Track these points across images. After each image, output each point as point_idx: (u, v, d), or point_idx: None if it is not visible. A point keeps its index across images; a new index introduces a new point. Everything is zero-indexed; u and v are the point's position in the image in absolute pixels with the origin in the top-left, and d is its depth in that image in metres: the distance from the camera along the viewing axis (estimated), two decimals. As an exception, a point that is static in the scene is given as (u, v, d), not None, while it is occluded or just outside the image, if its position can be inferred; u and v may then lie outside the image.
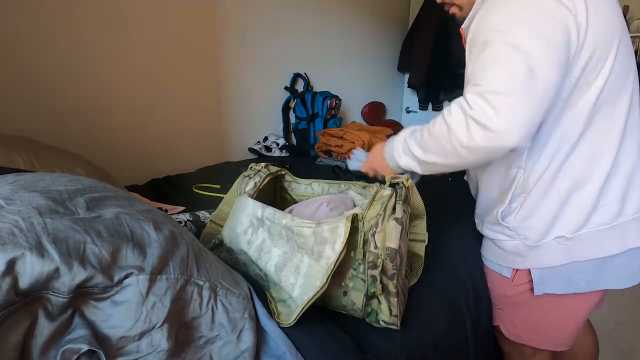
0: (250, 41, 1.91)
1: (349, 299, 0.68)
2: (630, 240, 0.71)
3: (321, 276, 0.60)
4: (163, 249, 0.50)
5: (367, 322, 0.69)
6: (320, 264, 0.61)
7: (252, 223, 0.71)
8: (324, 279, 0.59)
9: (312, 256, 0.62)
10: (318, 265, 0.61)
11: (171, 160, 1.71)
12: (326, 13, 2.29)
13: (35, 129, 1.27)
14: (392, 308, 0.66)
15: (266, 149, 2.01)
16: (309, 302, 0.59)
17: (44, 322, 0.40)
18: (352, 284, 0.67)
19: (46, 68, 1.30)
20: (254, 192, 0.78)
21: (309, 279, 0.61)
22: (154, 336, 0.46)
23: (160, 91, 1.64)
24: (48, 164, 0.92)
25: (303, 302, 0.60)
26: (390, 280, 0.64)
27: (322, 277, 0.60)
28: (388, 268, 0.64)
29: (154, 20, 1.55)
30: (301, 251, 0.64)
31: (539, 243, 0.74)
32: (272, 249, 0.66)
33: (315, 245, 0.62)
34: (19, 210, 0.44)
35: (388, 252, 0.63)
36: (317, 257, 0.62)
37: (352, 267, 0.67)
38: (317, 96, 2.09)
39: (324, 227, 0.62)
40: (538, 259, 0.75)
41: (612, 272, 0.73)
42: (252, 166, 0.84)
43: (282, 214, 0.68)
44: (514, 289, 0.82)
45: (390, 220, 0.64)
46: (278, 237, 0.67)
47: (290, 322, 0.61)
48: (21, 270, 0.39)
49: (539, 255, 0.75)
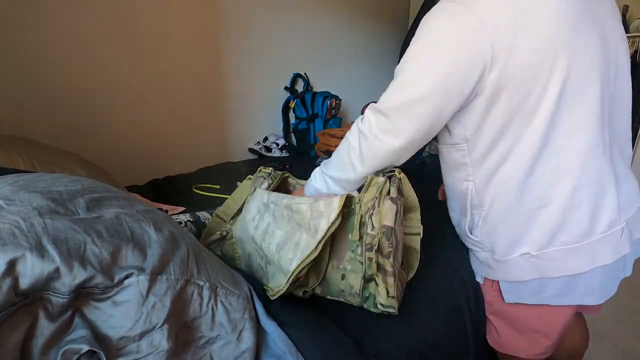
0: (251, 41, 1.91)
1: (346, 282, 0.69)
2: (600, 258, 0.69)
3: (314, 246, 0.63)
4: (163, 250, 0.50)
5: (366, 308, 0.70)
6: (316, 237, 0.63)
7: (260, 209, 0.75)
8: (315, 245, 0.62)
9: (309, 231, 0.65)
10: (314, 240, 0.63)
11: (171, 160, 1.72)
12: (326, 13, 2.29)
13: (35, 129, 1.27)
14: (389, 288, 0.67)
15: (266, 149, 2.01)
16: (300, 267, 0.62)
17: (45, 323, 0.40)
18: (350, 266, 0.69)
19: (46, 68, 1.30)
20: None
21: (305, 251, 0.63)
22: (154, 336, 0.46)
23: (161, 91, 1.64)
24: (48, 165, 0.92)
25: (294, 267, 0.62)
26: (386, 258, 0.66)
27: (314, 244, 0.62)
28: (384, 246, 0.65)
29: (154, 20, 1.55)
30: (300, 229, 0.67)
31: (505, 258, 0.74)
32: (275, 231, 0.70)
33: (311, 220, 0.65)
34: (20, 211, 0.44)
35: (384, 230, 0.65)
36: (313, 232, 0.64)
37: (350, 250, 0.69)
38: (317, 96, 2.09)
39: (320, 202, 0.66)
40: (505, 272, 0.76)
41: (582, 288, 0.71)
42: (261, 169, 0.89)
43: (284, 195, 0.72)
44: (490, 294, 0.83)
45: (386, 200, 0.67)
46: (280, 218, 0.70)
47: (281, 289, 0.63)
48: (21, 270, 0.39)
49: (506, 269, 0.75)
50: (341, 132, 1.84)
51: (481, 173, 0.71)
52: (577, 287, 0.71)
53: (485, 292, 0.85)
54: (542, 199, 0.67)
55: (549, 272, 0.71)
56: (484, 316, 0.88)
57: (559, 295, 0.72)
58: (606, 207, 0.67)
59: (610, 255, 0.69)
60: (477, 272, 0.86)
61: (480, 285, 0.86)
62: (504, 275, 0.77)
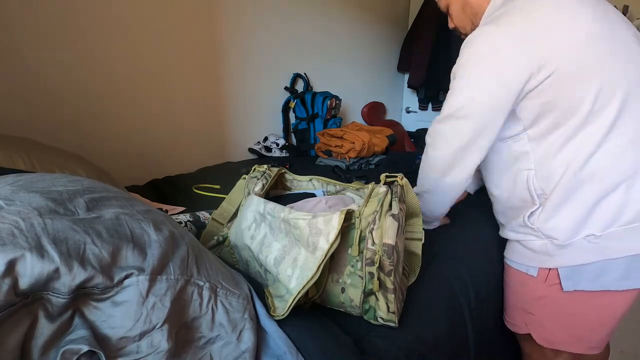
0: (251, 41, 1.91)
1: (346, 295, 0.68)
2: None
3: (314, 267, 0.61)
4: (163, 250, 0.50)
5: (366, 319, 0.70)
6: (315, 255, 0.62)
7: (255, 219, 0.73)
8: (315, 269, 0.61)
9: (307, 248, 0.63)
10: (314, 257, 0.62)
11: (171, 160, 1.71)
12: (326, 13, 2.29)
13: (35, 129, 1.27)
14: (390, 305, 0.66)
15: (266, 149, 2.01)
16: (301, 292, 0.61)
17: (44, 323, 0.40)
18: (350, 280, 0.68)
19: (46, 69, 1.30)
20: (262, 193, 0.80)
21: (304, 270, 0.62)
22: (154, 336, 0.46)
23: (161, 91, 1.64)
24: (48, 165, 0.92)
25: (296, 291, 0.61)
26: (387, 276, 0.65)
27: (314, 267, 0.61)
28: (385, 264, 0.64)
29: (154, 20, 1.55)
30: (298, 244, 0.65)
31: (568, 242, 0.74)
32: (272, 243, 0.68)
33: (310, 237, 0.63)
34: (19, 211, 0.44)
35: (385, 249, 0.63)
36: (312, 249, 0.63)
37: (350, 264, 0.67)
38: (317, 96, 2.08)
39: (319, 219, 0.64)
40: (567, 257, 0.75)
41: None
42: (255, 168, 0.86)
43: (282, 207, 0.69)
44: (544, 288, 0.81)
45: (387, 217, 0.65)
46: (278, 230, 0.68)
47: (284, 314, 0.61)
48: (21, 270, 0.39)
49: (568, 253, 0.75)
50: (341, 132, 1.84)
51: (542, 155, 0.73)
52: (638, 269, 0.71)
53: (537, 285, 0.82)
54: (604, 177, 0.69)
55: (612, 252, 0.71)
56: (485, 316, 0.88)
57: (621, 279, 0.72)
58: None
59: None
60: (529, 265, 0.83)
61: (529, 280, 0.83)
62: (564, 261, 0.75)
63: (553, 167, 0.73)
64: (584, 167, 0.70)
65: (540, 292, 0.82)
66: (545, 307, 0.83)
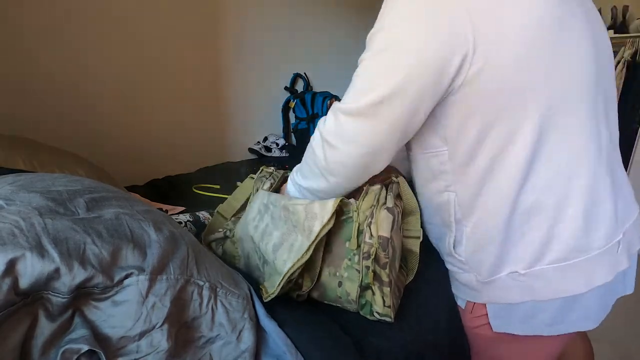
0: (250, 41, 1.91)
1: (343, 289, 0.69)
2: (598, 276, 0.61)
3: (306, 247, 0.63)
4: (163, 250, 0.50)
5: (362, 314, 0.70)
6: (310, 239, 0.63)
7: (260, 210, 0.76)
8: (306, 248, 0.62)
9: (303, 233, 0.65)
10: (308, 241, 0.63)
11: (171, 160, 1.72)
12: (326, 13, 2.29)
13: (34, 129, 1.27)
14: (385, 298, 0.67)
15: (266, 149, 2.01)
16: (291, 271, 0.62)
17: (44, 322, 0.40)
18: (347, 274, 0.68)
19: (46, 69, 1.30)
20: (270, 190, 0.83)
21: (299, 253, 0.63)
22: (154, 336, 0.46)
23: (161, 91, 1.64)
24: (48, 165, 0.92)
25: (286, 270, 0.62)
26: (382, 269, 0.65)
27: (306, 247, 0.63)
28: (381, 257, 0.65)
29: (154, 20, 1.55)
30: (295, 230, 0.67)
31: (491, 279, 0.65)
32: (273, 232, 0.70)
33: (306, 221, 0.65)
34: (19, 211, 0.44)
35: (380, 241, 0.65)
36: (308, 233, 0.64)
37: (347, 258, 0.68)
38: (317, 96, 2.09)
39: (315, 204, 0.66)
40: (492, 294, 0.66)
41: (578, 312, 0.63)
42: (263, 169, 0.89)
43: (283, 196, 0.73)
44: (473, 320, 0.72)
45: (382, 210, 0.66)
46: (278, 219, 0.70)
47: (274, 291, 0.63)
48: (21, 270, 0.39)
49: (493, 290, 0.66)
50: (341, 132, 1.84)
51: (466, 183, 0.62)
52: (572, 311, 0.63)
53: (467, 322, 0.74)
54: (532, 209, 0.60)
55: (540, 294, 0.62)
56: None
57: (552, 323, 0.64)
58: (601, 219, 0.60)
59: (609, 271, 0.62)
60: (459, 296, 0.75)
61: (461, 313, 0.76)
62: (490, 298, 0.67)
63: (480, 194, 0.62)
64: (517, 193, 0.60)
65: (471, 324, 0.74)
66: (479, 341, 0.75)
